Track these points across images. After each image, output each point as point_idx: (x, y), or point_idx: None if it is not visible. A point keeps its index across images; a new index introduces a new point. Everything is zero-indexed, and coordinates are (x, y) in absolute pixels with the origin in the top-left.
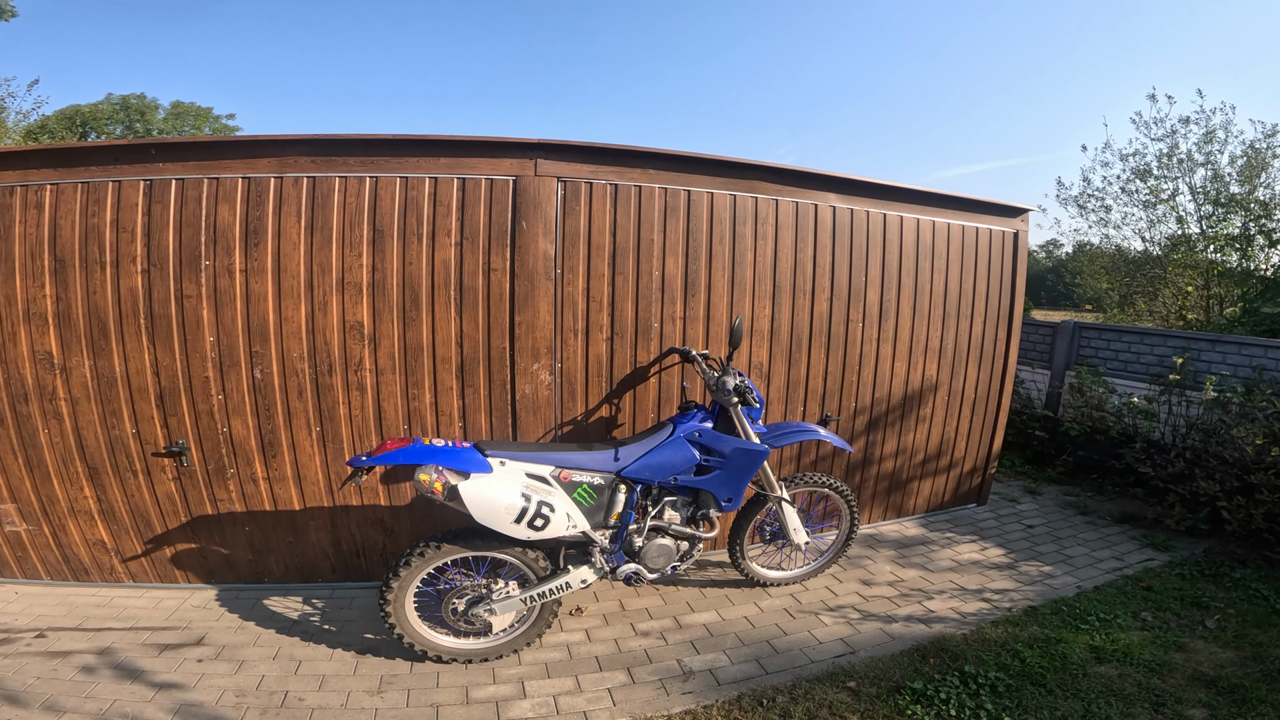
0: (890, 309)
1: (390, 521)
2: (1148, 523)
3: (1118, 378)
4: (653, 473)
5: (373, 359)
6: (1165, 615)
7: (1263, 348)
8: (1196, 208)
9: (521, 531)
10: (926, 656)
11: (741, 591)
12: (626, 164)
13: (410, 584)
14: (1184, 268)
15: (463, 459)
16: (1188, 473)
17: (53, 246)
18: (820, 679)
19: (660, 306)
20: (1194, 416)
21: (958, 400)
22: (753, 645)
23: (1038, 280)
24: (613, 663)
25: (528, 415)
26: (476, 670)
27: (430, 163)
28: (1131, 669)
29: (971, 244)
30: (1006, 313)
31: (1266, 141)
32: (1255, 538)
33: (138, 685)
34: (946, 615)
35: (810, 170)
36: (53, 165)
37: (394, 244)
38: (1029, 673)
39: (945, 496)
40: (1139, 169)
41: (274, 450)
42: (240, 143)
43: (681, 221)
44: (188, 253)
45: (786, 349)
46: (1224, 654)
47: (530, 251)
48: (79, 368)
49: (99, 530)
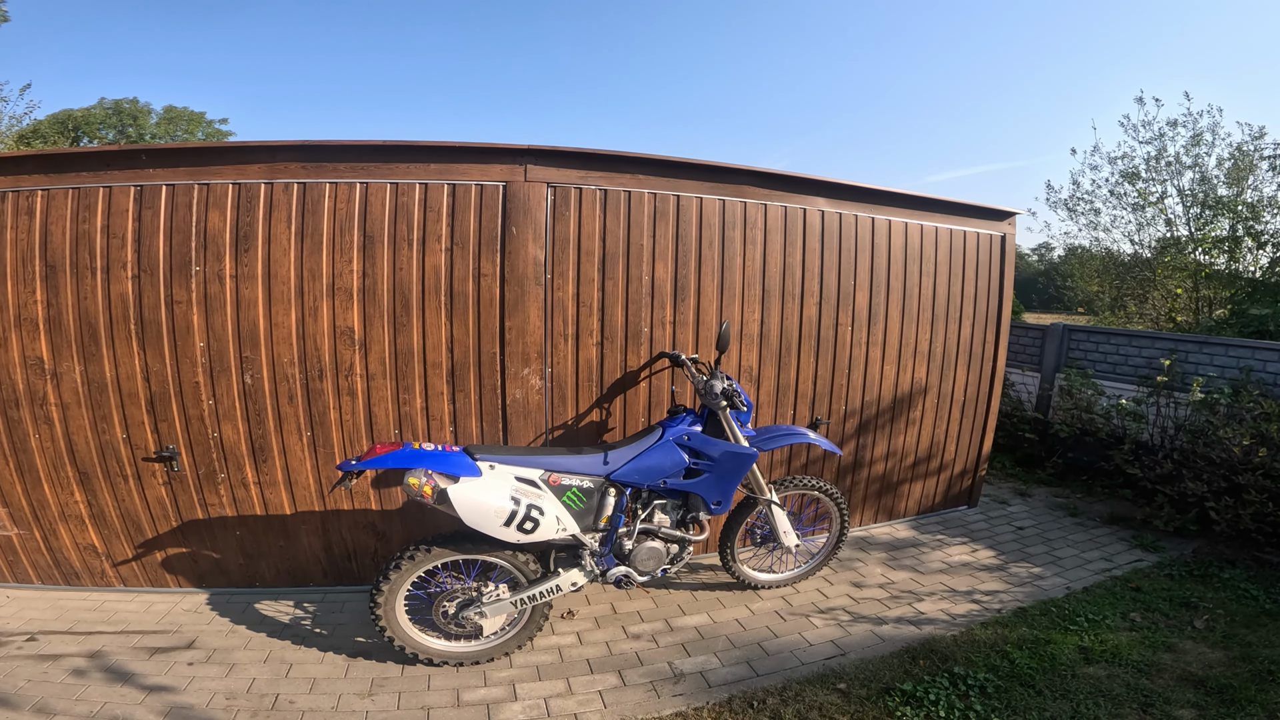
0: (879, 312)
1: (382, 525)
2: (1137, 524)
3: (1107, 380)
4: (642, 476)
5: (363, 364)
6: (1154, 616)
7: (1249, 349)
8: (1185, 210)
9: (511, 534)
10: (916, 658)
11: (733, 594)
12: (616, 169)
13: (401, 587)
14: (1173, 270)
15: (452, 463)
16: (1176, 474)
17: (44, 252)
18: (810, 680)
19: (650, 311)
20: (1182, 418)
21: (947, 403)
22: (744, 647)
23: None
24: (604, 665)
25: (518, 420)
26: (467, 673)
27: (421, 169)
28: (1120, 669)
29: (960, 247)
30: (995, 315)
31: (1254, 144)
32: (1244, 538)
33: (128, 688)
34: (937, 617)
35: (799, 175)
36: (44, 171)
37: (384, 250)
38: (1018, 674)
39: (936, 499)
40: (1127, 172)
41: (265, 455)
42: (231, 149)
43: (671, 226)
44: (178, 258)
45: (776, 353)
46: (1212, 654)
47: (520, 257)
48: (70, 373)
49: (90, 535)
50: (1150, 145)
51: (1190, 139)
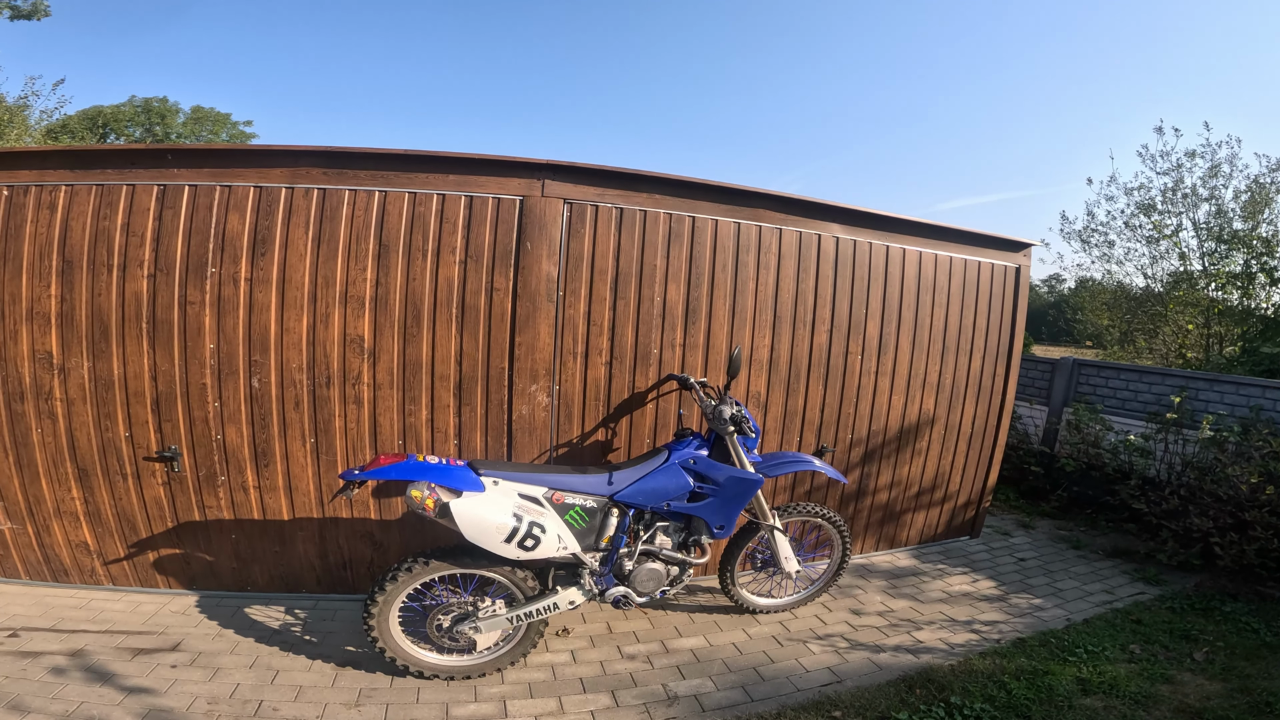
0: (890, 342)
1: (380, 535)
2: (1140, 557)
3: (1115, 415)
4: (646, 498)
5: (371, 373)
6: (1153, 648)
7: (1260, 388)
8: (1199, 244)
9: (511, 551)
10: (913, 687)
11: (730, 618)
12: (633, 188)
13: (396, 598)
14: (1185, 305)
15: (456, 477)
16: (1182, 509)
17: (62, 247)
18: (805, 707)
19: (660, 333)
20: (1190, 454)
21: (954, 435)
22: (739, 672)
23: (1039, 315)
24: (597, 685)
25: (524, 436)
26: (458, 687)
27: (439, 179)
28: (1117, 701)
29: (973, 278)
30: (1006, 348)
31: (1271, 176)
32: (1247, 572)
33: (107, 688)
34: (935, 646)
35: (815, 200)
36: (69, 166)
37: (399, 259)
38: (1015, 704)
39: (939, 529)
40: (1143, 203)
41: (267, 460)
42: (255, 151)
43: (685, 248)
44: (195, 259)
45: (785, 379)
46: (1211, 686)
47: (534, 272)
48: (77, 369)
49: (83, 532)
50: (1167, 176)
51: (1208, 170)
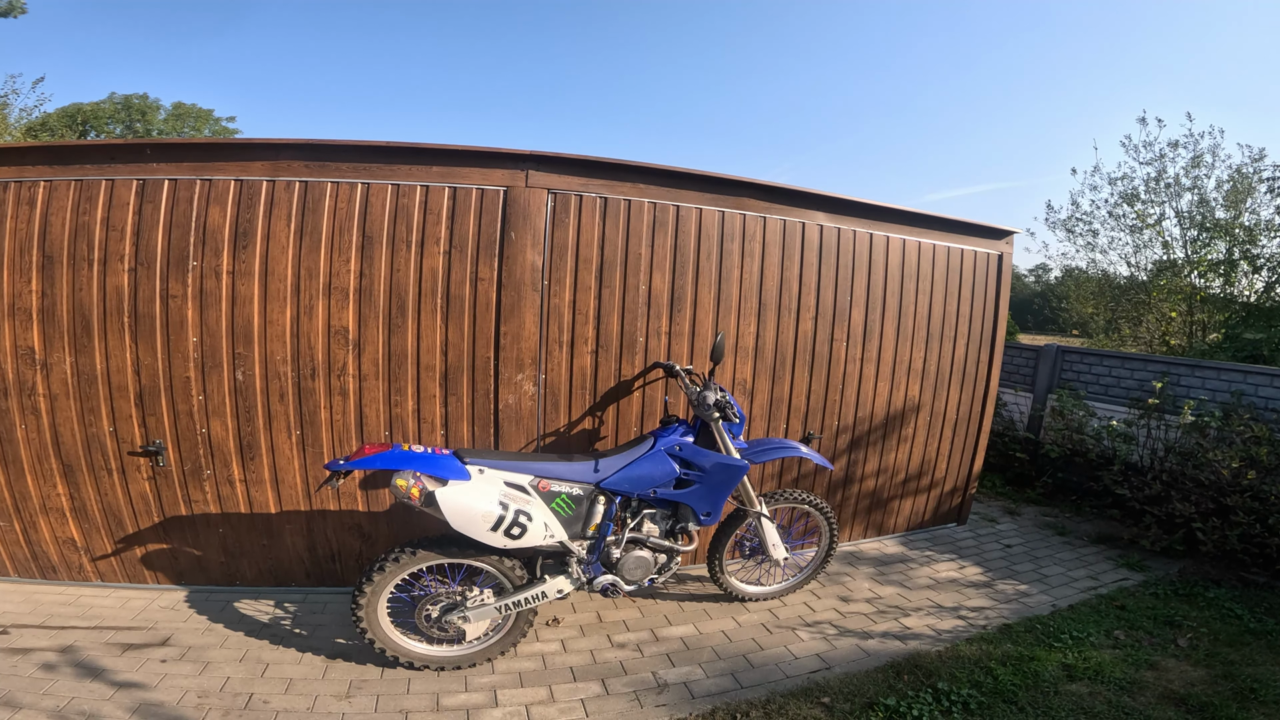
0: (874, 329)
1: (368, 527)
2: (1124, 543)
3: (1098, 401)
4: (632, 485)
5: (356, 364)
6: (1138, 634)
7: (1241, 373)
8: (1182, 233)
9: (498, 539)
10: (901, 673)
11: (719, 606)
12: (617, 178)
13: (384, 589)
14: (1168, 293)
15: (441, 465)
16: (1164, 495)
17: (42, 243)
18: (794, 694)
19: (646, 321)
20: (1172, 440)
21: (939, 421)
22: (729, 659)
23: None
24: (587, 673)
25: (510, 425)
26: (448, 678)
27: (423, 171)
28: (1102, 687)
29: (956, 265)
30: (989, 335)
31: (1253, 166)
32: (1230, 558)
33: (98, 684)
34: (922, 632)
35: (799, 188)
36: (48, 162)
37: (383, 251)
38: (1001, 690)
39: (925, 516)
40: (1127, 193)
41: (252, 452)
42: (235, 145)
43: (669, 237)
44: (176, 253)
45: (770, 367)
46: (1195, 672)
47: (518, 262)
48: (60, 364)
49: (70, 528)
50: (1151, 166)
51: (1190, 160)
